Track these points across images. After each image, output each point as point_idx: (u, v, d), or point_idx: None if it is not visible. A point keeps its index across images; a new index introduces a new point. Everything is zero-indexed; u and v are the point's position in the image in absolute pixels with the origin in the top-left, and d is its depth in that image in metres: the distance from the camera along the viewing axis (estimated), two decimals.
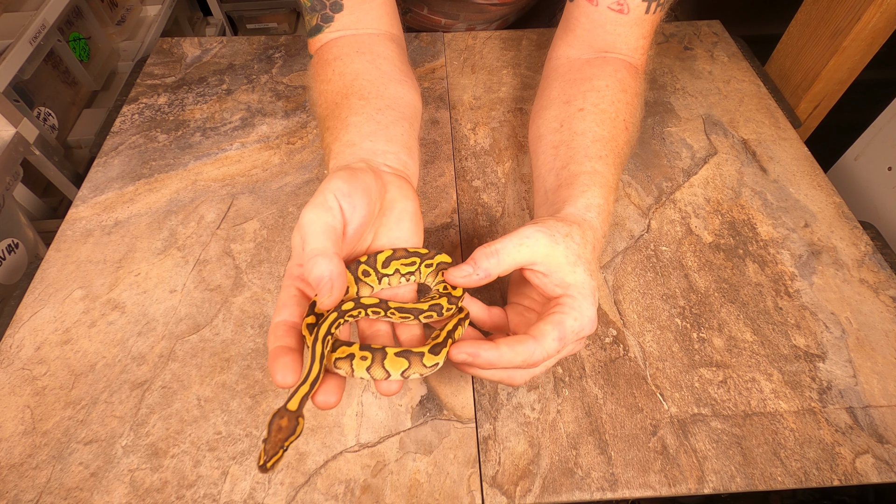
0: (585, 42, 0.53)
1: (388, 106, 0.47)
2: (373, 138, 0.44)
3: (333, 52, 0.52)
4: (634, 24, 0.50)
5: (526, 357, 0.33)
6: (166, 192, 0.65)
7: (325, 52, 0.52)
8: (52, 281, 0.57)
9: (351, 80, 0.49)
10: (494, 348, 0.33)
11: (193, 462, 0.45)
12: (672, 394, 0.49)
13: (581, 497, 0.44)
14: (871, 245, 0.59)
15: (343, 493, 0.44)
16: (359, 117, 0.45)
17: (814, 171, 0.67)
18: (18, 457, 0.45)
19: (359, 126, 0.45)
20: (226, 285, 0.57)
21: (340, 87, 0.49)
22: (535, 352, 0.33)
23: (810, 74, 0.83)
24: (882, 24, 0.73)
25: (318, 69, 0.53)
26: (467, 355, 0.33)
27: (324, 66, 0.51)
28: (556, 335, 0.34)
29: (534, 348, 0.33)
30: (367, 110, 0.46)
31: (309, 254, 0.32)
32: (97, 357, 0.51)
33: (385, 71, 0.51)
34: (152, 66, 0.84)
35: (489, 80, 0.80)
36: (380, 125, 0.45)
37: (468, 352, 0.33)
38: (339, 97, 0.48)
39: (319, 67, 0.52)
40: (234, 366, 0.51)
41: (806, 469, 0.45)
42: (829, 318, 0.54)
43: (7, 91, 0.87)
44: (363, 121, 0.45)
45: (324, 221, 0.34)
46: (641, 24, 0.51)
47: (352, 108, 0.46)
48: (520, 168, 0.68)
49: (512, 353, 0.33)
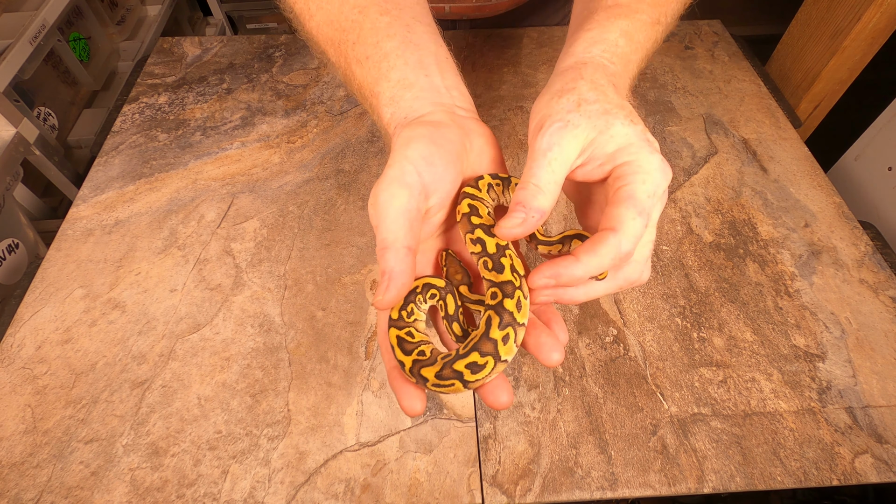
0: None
1: (415, 18, 0.40)
2: (426, 70, 0.37)
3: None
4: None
5: (614, 253, 0.28)
6: (167, 192, 0.65)
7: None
8: (53, 280, 0.57)
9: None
10: (574, 261, 0.29)
11: (194, 461, 0.45)
12: (672, 393, 0.49)
13: (581, 496, 0.44)
14: (871, 245, 0.59)
15: (343, 491, 0.44)
16: (394, 42, 0.37)
17: (814, 171, 0.67)
18: (19, 455, 0.45)
19: (401, 55, 0.37)
20: (226, 284, 0.57)
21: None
22: (621, 242, 0.28)
23: (810, 74, 0.83)
24: (882, 24, 0.73)
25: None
26: (548, 278, 0.29)
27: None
28: (633, 212, 0.28)
29: (618, 240, 0.28)
30: (398, 30, 0.38)
31: (379, 244, 0.30)
32: (98, 356, 0.51)
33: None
34: (153, 65, 0.84)
35: (489, 78, 0.80)
36: (421, 49, 0.38)
37: (547, 275, 0.29)
38: (354, 11, 0.39)
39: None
40: (235, 365, 0.51)
41: (805, 469, 0.45)
42: (829, 318, 0.54)
43: (7, 91, 0.87)
44: (401, 46, 0.37)
45: (399, 204, 0.30)
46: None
47: (377, 28, 0.38)
48: (520, 166, 0.68)
49: (596, 257, 0.28)
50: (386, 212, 0.30)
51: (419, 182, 0.31)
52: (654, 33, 0.37)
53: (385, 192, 0.30)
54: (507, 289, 0.31)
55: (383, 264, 0.29)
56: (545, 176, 0.31)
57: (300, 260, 0.59)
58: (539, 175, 0.31)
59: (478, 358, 0.30)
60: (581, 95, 0.32)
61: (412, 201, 0.31)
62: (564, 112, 0.31)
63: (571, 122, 0.31)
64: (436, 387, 0.30)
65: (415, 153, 0.31)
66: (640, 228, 0.29)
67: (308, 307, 0.55)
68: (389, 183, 0.30)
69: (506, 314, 0.30)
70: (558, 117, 0.31)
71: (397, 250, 0.30)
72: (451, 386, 0.30)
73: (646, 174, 0.29)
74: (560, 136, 0.31)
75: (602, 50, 0.34)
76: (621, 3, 0.37)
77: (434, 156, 0.32)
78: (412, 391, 0.31)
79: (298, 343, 0.52)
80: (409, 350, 0.31)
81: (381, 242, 0.30)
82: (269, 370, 0.51)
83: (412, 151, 0.31)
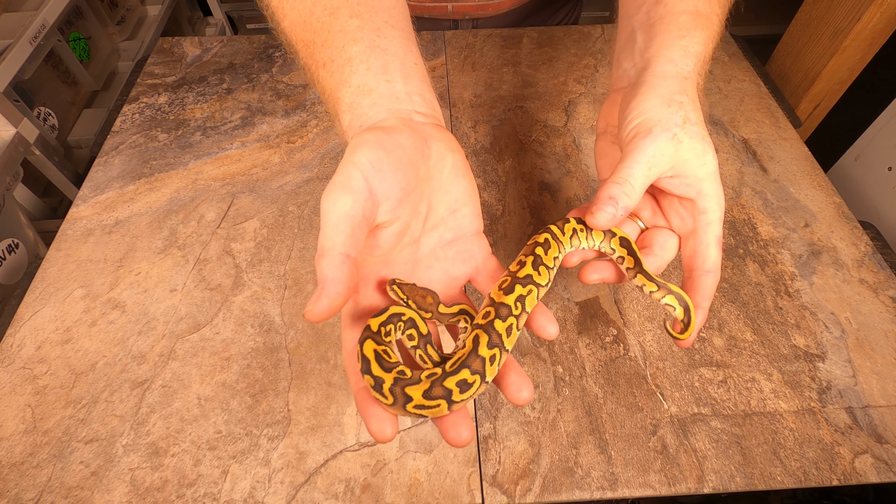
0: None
1: (386, 22, 0.39)
2: (388, 76, 0.36)
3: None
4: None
5: (715, 287, 0.36)
6: (167, 192, 0.65)
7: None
8: (53, 280, 0.57)
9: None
10: (702, 312, 0.36)
11: (194, 461, 0.45)
12: (672, 393, 0.49)
13: (581, 496, 0.44)
14: (870, 245, 0.59)
15: (343, 491, 0.44)
16: (360, 46, 0.37)
17: (814, 171, 0.67)
18: (19, 455, 0.45)
19: (365, 59, 0.36)
20: (226, 284, 0.57)
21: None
22: (717, 277, 0.35)
23: (810, 74, 0.83)
24: (882, 24, 0.73)
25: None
26: (691, 340, 0.36)
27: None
28: (718, 248, 0.35)
29: (716, 276, 0.35)
30: (366, 34, 0.37)
31: (318, 250, 0.29)
32: (98, 356, 0.51)
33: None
34: (153, 65, 0.84)
35: (490, 78, 0.80)
36: (387, 54, 0.37)
37: (692, 338, 0.36)
38: (324, 13, 0.38)
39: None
40: (235, 365, 0.51)
41: (805, 469, 0.45)
42: (829, 318, 0.54)
43: (7, 91, 0.87)
44: (367, 51, 0.37)
45: (340, 210, 0.29)
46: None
47: (346, 31, 0.37)
48: (520, 166, 0.68)
49: (709, 299, 0.36)
50: (326, 218, 0.29)
51: (365, 188, 0.30)
52: (716, 43, 0.39)
53: (328, 198, 0.29)
54: (502, 311, 0.31)
55: (318, 272, 0.28)
56: (641, 178, 0.34)
57: (300, 260, 0.59)
58: (636, 175, 0.33)
59: (467, 375, 0.29)
60: (687, 113, 0.34)
61: (356, 207, 0.29)
62: (674, 125, 0.34)
63: (678, 136, 0.33)
64: (417, 408, 0.28)
65: (362, 158, 0.30)
66: (720, 255, 0.35)
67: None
68: (333, 189, 0.29)
69: (494, 334, 0.30)
70: (667, 127, 0.34)
71: (333, 257, 0.28)
72: (436, 408, 0.28)
73: (720, 209, 0.35)
74: (666, 147, 0.33)
75: (695, 64, 0.36)
76: (701, 12, 0.38)
77: (382, 161, 0.31)
78: (382, 415, 0.29)
79: (298, 343, 0.52)
80: (388, 368, 0.29)
81: (319, 249, 0.29)
82: (269, 370, 0.51)
83: (359, 157, 0.30)
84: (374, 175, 0.30)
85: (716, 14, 0.38)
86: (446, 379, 0.28)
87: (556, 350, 0.52)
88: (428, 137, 0.34)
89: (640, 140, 0.34)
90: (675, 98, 0.35)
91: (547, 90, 0.78)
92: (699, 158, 0.34)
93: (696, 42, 0.36)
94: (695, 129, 0.34)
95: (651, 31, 0.38)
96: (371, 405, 0.29)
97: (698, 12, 0.37)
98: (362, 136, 0.31)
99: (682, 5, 0.38)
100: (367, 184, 0.30)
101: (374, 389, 0.28)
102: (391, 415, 0.29)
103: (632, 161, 0.34)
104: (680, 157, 0.34)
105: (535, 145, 0.71)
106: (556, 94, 0.77)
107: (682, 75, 0.36)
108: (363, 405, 0.29)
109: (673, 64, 0.36)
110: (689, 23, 0.37)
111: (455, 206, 0.36)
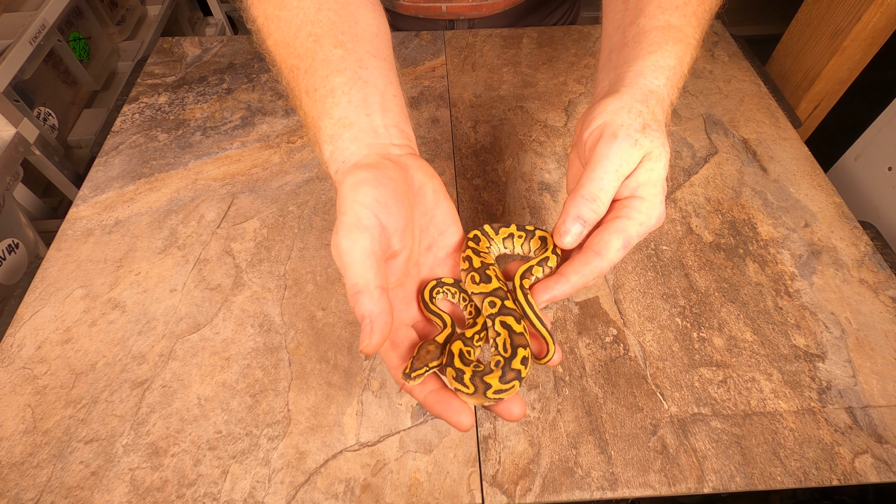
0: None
1: (368, 52, 0.40)
2: (368, 110, 0.38)
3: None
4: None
5: (596, 273, 0.35)
6: (167, 192, 0.66)
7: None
8: (53, 280, 0.57)
9: (315, 12, 0.40)
10: (566, 282, 0.35)
11: (194, 461, 0.45)
12: (672, 393, 0.49)
13: (581, 496, 0.44)
14: (870, 245, 0.59)
15: (343, 491, 0.44)
16: (342, 77, 0.38)
17: (814, 171, 0.67)
18: (19, 455, 0.45)
19: (347, 92, 0.38)
20: (226, 284, 0.57)
21: (305, 21, 0.40)
22: (602, 266, 0.34)
23: (810, 74, 0.83)
24: (882, 24, 0.73)
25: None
26: (548, 300, 0.35)
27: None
28: (620, 244, 0.34)
29: (600, 263, 0.34)
30: (349, 65, 0.39)
31: (350, 290, 0.31)
32: (98, 356, 0.51)
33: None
34: (153, 65, 0.84)
35: (490, 78, 0.80)
36: (368, 86, 0.39)
37: (546, 299, 0.35)
38: (309, 39, 0.39)
39: None
40: (235, 365, 0.51)
41: (805, 469, 0.45)
42: (829, 318, 0.54)
43: (7, 91, 0.87)
44: (349, 83, 0.38)
45: (362, 248, 0.31)
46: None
47: (329, 61, 0.39)
48: (520, 166, 0.68)
49: (583, 278, 0.35)
50: (350, 257, 0.31)
51: (377, 224, 0.32)
52: (696, 54, 0.40)
53: (346, 238, 0.31)
54: (500, 293, 0.36)
55: (360, 309, 0.30)
56: (608, 185, 0.34)
57: (300, 260, 0.59)
58: (608, 189, 0.34)
59: (523, 352, 0.33)
60: (646, 120, 0.35)
61: (374, 243, 0.31)
62: (634, 130, 0.34)
63: (639, 142, 0.34)
64: (496, 393, 0.32)
65: (367, 198, 0.32)
66: (619, 257, 0.35)
67: (308, 307, 0.55)
68: (349, 229, 0.31)
69: (512, 313, 0.35)
70: (628, 134, 0.34)
71: (370, 293, 0.30)
72: (511, 388, 0.33)
73: (646, 217, 0.34)
74: (630, 153, 0.34)
75: (666, 79, 0.37)
76: (673, 25, 0.38)
77: (386, 197, 0.33)
78: (459, 406, 0.33)
79: (298, 343, 0.52)
80: (467, 362, 0.34)
81: (353, 287, 0.31)
82: (269, 370, 0.51)
83: (363, 196, 0.32)
84: (381, 211, 0.32)
85: (691, 25, 0.39)
86: (512, 361, 0.33)
87: None
88: (408, 168, 0.37)
89: (607, 145, 0.34)
90: (634, 106, 0.35)
91: (547, 90, 0.78)
92: (651, 162, 0.34)
93: (667, 56, 0.37)
94: (655, 134, 0.35)
95: (624, 49, 0.39)
96: (445, 404, 0.33)
97: (670, 26, 0.38)
98: (357, 175, 0.33)
99: (653, 22, 0.38)
100: (378, 220, 0.32)
101: (456, 381, 0.33)
102: (465, 406, 0.33)
103: (602, 172, 0.34)
104: (635, 159, 0.34)
105: (535, 145, 0.71)
106: (556, 94, 0.77)
107: (648, 88, 0.36)
108: (438, 407, 0.33)
109: (641, 77, 0.37)
110: (660, 38, 0.38)
111: (442, 226, 0.39)
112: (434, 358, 0.34)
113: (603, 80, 0.41)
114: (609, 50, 0.42)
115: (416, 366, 0.33)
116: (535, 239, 0.41)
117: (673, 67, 0.37)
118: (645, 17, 0.39)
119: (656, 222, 0.35)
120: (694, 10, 0.39)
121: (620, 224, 0.34)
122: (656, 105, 0.36)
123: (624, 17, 0.41)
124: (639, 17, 0.39)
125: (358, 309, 0.30)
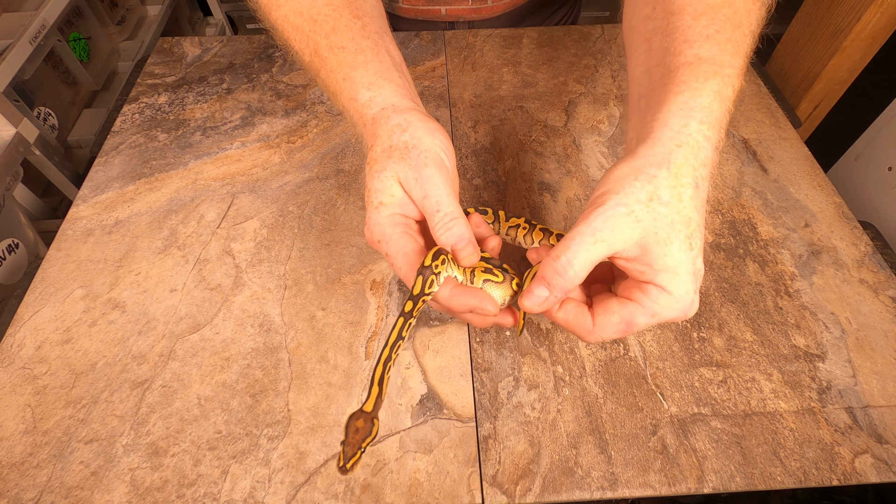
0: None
1: (382, 28, 0.46)
2: (400, 72, 0.43)
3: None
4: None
5: (583, 333, 0.35)
6: (167, 192, 0.66)
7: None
8: (53, 280, 0.57)
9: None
10: (589, 330, 0.35)
11: (194, 461, 0.45)
12: (672, 393, 0.49)
13: (581, 496, 0.44)
14: (870, 245, 0.59)
15: (343, 492, 0.44)
16: (369, 42, 0.42)
17: (814, 171, 0.67)
18: (19, 455, 0.45)
19: (377, 55, 0.42)
20: (226, 284, 0.57)
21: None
22: (592, 334, 0.35)
23: (810, 74, 0.83)
24: (882, 24, 0.73)
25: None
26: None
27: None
28: (617, 329, 0.33)
29: (590, 333, 0.35)
30: (371, 34, 0.43)
31: (443, 218, 0.35)
32: (98, 356, 0.51)
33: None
34: (153, 65, 0.84)
35: (490, 78, 0.80)
36: (390, 55, 0.43)
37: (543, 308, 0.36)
38: (327, 7, 0.43)
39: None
40: (235, 365, 0.51)
41: (805, 469, 0.45)
42: (829, 318, 0.54)
43: (7, 91, 0.87)
44: (375, 48, 0.42)
45: (446, 182, 0.36)
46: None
47: (352, 27, 0.42)
48: (520, 166, 0.68)
49: (572, 326, 0.36)
50: (440, 189, 0.36)
51: (453, 167, 0.38)
52: (740, 84, 0.34)
53: (437, 174, 0.36)
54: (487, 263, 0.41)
55: (458, 231, 0.36)
56: (583, 254, 0.31)
57: (300, 260, 0.59)
58: (577, 251, 0.31)
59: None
60: (657, 190, 0.30)
61: (454, 184, 0.37)
62: (634, 200, 0.30)
63: (636, 214, 0.30)
64: (519, 286, 0.39)
65: (443, 143, 0.38)
66: (610, 337, 0.35)
67: (308, 307, 0.55)
68: (439, 166, 0.36)
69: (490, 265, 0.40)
70: (624, 202, 0.30)
71: (464, 220, 0.36)
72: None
73: (662, 310, 0.32)
74: (617, 223, 0.30)
75: (699, 122, 0.31)
76: (704, 58, 0.33)
77: (445, 143, 0.38)
78: (484, 295, 0.37)
79: (298, 343, 0.52)
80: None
81: (448, 215, 0.35)
82: (269, 370, 0.51)
83: (440, 141, 0.37)
84: (449, 155, 0.38)
85: (727, 53, 0.33)
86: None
87: (556, 350, 0.52)
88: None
89: (592, 211, 0.31)
90: (648, 171, 0.30)
91: (547, 90, 0.78)
92: (660, 247, 0.30)
93: (699, 94, 0.32)
94: (662, 209, 0.30)
95: (651, 95, 0.35)
96: (470, 293, 0.37)
97: (700, 60, 0.33)
98: (428, 123, 0.38)
99: (680, 59, 0.33)
100: (452, 165, 0.38)
101: (485, 272, 0.39)
102: (490, 295, 0.38)
103: (576, 233, 0.31)
104: (640, 236, 0.30)
105: (535, 145, 0.71)
106: (556, 94, 0.77)
107: (673, 142, 0.31)
108: (463, 298, 0.37)
109: (666, 128, 0.32)
110: (689, 75, 0.32)
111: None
112: (365, 436, 0.34)
113: (630, 131, 0.37)
114: (637, 97, 0.38)
115: (348, 453, 0.32)
116: (537, 232, 0.46)
117: (707, 106, 0.32)
118: (671, 54, 0.34)
119: (678, 315, 0.31)
120: (729, 35, 0.33)
121: (627, 309, 0.32)
122: (683, 163, 0.30)
123: (649, 58, 0.36)
124: (664, 56, 0.34)
125: (456, 230, 0.35)
